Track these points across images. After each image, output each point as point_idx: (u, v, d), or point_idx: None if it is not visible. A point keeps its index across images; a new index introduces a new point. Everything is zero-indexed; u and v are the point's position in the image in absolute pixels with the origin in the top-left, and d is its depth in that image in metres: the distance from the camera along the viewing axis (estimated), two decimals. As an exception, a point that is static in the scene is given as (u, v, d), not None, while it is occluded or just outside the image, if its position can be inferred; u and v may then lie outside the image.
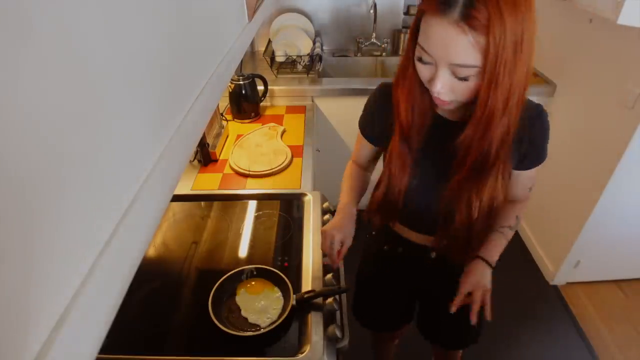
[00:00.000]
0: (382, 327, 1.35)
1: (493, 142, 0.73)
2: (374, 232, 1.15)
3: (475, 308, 0.87)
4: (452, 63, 0.65)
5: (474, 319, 0.86)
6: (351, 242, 0.96)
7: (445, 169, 0.83)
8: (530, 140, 0.83)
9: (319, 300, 0.98)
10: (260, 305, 0.97)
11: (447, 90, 0.70)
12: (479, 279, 0.89)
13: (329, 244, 0.93)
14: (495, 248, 0.93)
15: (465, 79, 0.67)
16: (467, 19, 0.60)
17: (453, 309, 0.88)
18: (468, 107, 0.76)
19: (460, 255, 0.95)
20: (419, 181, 0.89)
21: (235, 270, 1.02)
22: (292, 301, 0.95)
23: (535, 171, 0.90)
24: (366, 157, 1.06)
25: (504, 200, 0.86)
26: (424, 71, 0.71)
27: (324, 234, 0.95)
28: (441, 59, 0.66)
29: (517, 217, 0.96)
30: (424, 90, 0.77)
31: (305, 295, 0.96)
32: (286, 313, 0.93)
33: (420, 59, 0.70)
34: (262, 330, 0.90)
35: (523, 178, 0.91)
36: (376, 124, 0.95)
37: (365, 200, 1.07)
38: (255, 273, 1.04)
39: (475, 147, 0.75)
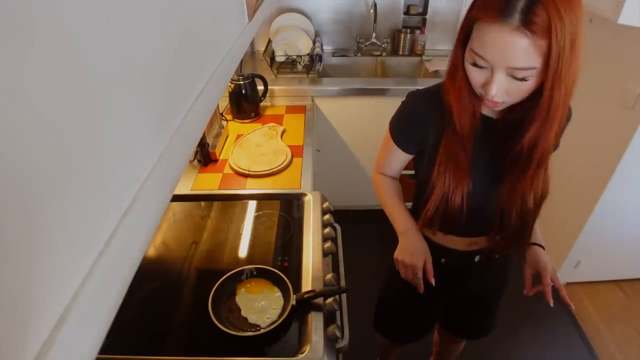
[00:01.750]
0: (410, 339, 1.31)
1: (555, 136, 0.76)
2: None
3: (548, 290, 0.92)
4: (511, 67, 0.67)
5: (550, 300, 0.92)
6: (431, 258, 0.96)
7: (499, 168, 0.85)
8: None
9: (319, 300, 0.98)
10: (260, 305, 0.97)
11: (502, 93, 0.71)
12: (546, 262, 0.95)
13: (414, 275, 0.94)
14: (539, 234, 1.00)
15: (523, 79, 0.68)
16: (528, 24, 0.62)
17: (530, 292, 0.96)
18: (514, 105, 0.77)
19: (512, 247, 0.97)
20: (476, 184, 0.87)
21: (235, 270, 1.02)
22: (292, 301, 0.95)
23: None
24: (397, 166, 1.03)
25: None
26: (477, 76, 0.73)
27: (403, 264, 0.95)
28: (499, 63, 0.67)
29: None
30: (472, 93, 0.78)
31: (306, 295, 0.96)
32: (286, 313, 0.93)
33: (474, 64, 0.71)
34: (262, 331, 0.90)
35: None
36: (412, 131, 0.93)
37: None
38: (255, 273, 1.04)
39: (541, 144, 0.77)
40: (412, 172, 1.05)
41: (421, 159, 0.95)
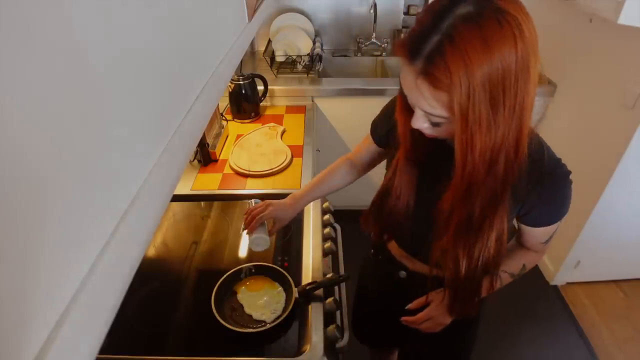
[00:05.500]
0: (378, 344, 1.32)
1: (476, 205, 0.66)
2: (372, 251, 1.07)
3: (414, 326, 0.89)
4: (421, 109, 0.61)
5: (408, 323, 0.89)
6: (282, 225, 1.00)
7: (439, 193, 0.75)
8: (538, 197, 0.72)
9: (320, 292, 0.98)
10: (263, 301, 0.98)
11: (425, 129, 0.65)
12: (439, 314, 0.87)
13: (254, 208, 0.99)
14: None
15: (437, 124, 0.62)
16: (427, 75, 0.54)
17: (404, 320, 0.91)
18: None
19: (456, 308, 0.87)
20: (419, 202, 0.82)
21: (234, 270, 1.03)
22: (295, 294, 0.96)
23: (551, 227, 0.78)
24: (366, 156, 1.02)
25: (504, 252, 0.76)
26: (407, 103, 0.67)
27: (262, 203, 1.00)
28: (412, 102, 0.62)
29: (524, 265, 0.88)
30: None
31: (307, 287, 0.96)
32: (291, 306, 0.94)
33: (401, 93, 0.66)
34: (269, 325, 0.91)
35: (534, 232, 0.80)
36: (384, 123, 0.92)
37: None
38: (253, 271, 1.04)
39: (457, 211, 0.68)
40: None
41: (388, 158, 0.92)
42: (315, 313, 0.95)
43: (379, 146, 0.97)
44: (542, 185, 0.71)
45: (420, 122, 0.64)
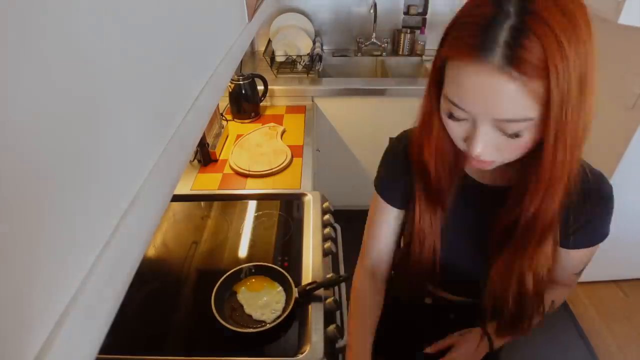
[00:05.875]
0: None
1: (557, 208, 0.58)
2: (392, 272, 0.93)
3: None
4: (497, 119, 0.50)
5: None
6: None
7: (479, 238, 0.70)
8: (583, 214, 0.65)
9: (320, 292, 0.98)
10: (263, 302, 0.98)
11: (491, 150, 0.54)
12: (472, 356, 0.78)
13: None
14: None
15: (517, 134, 0.51)
16: (515, 61, 0.45)
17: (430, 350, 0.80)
18: (503, 167, 0.60)
19: (510, 334, 0.78)
20: (452, 250, 0.74)
21: (234, 270, 1.03)
22: (295, 294, 0.96)
23: (589, 252, 0.70)
24: (388, 233, 0.82)
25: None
26: (456, 129, 0.56)
27: None
28: (482, 115, 0.50)
29: (553, 302, 0.77)
30: (453, 145, 0.61)
31: (307, 287, 0.96)
32: (290, 306, 0.94)
33: (451, 116, 0.54)
34: (269, 325, 0.91)
35: (570, 258, 0.70)
36: (395, 180, 0.77)
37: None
38: (253, 271, 1.04)
39: (542, 217, 0.59)
40: None
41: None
42: (315, 313, 0.95)
43: (398, 207, 0.79)
44: (589, 202, 0.63)
45: (487, 140, 0.53)
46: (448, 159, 0.65)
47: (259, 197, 1.36)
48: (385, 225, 0.81)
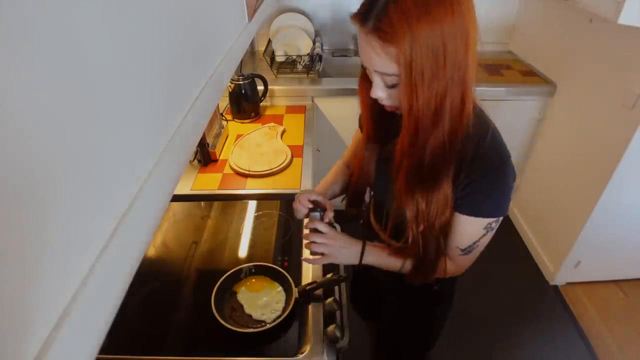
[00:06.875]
0: (363, 313, 1.38)
1: (425, 153, 0.70)
2: (361, 222, 1.13)
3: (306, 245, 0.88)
4: (375, 70, 0.67)
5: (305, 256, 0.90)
6: (328, 208, 0.94)
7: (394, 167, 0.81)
8: (469, 176, 0.72)
9: (320, 292, 0.98)
10: (263, 302, 0.98)
11: (385, 96, 0.71)
12: (338, 251, 0.86)
13: (302, 198, 0.93)
14: (380, 253, 0.87)
15: (393, 85, 0.67)
16: (377, 30, 0.62)
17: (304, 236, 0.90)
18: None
19: (417, 276, 0.86)
20: (377, 173, 0.90)
21: (234, 270, 1.03)
22: (295, 294, 0.96)
23: (474, 225, 0.76)
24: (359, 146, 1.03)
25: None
26: (369, 77, 0.74)
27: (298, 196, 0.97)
28: (369, 67, 0.68)
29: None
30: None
31: (307, 287, 0.96)
32: (290, 306, 0.94)
33: (362, 65, 0.73)
34: (269, 325, 0.91)
35: (457, 224, 0.78)
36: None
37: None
38: (253, 271, 1.04)
39: (406, 158, 0.72)
40: None
41: None
42: (315, 313, 0.95)
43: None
44: (474, 165, 0.71)
45: (378, 89, 0.70)
46: (369, 103, 0.80)
47: (259, 197, 1.36)
48: (357, 145, 1.01)
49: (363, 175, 0.93)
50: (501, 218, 0.77)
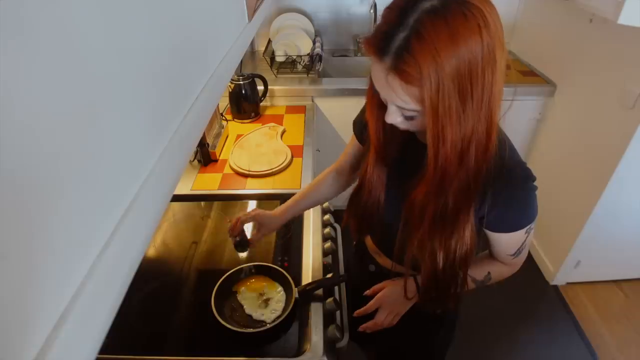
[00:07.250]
0: (360, 341, 1.22)
1: (449, 197, 0.67)
2: (354, 243, 1.11)
3: (371, 326, 0.87)
4: (394, 104, 0.62)
5: (366, 328, 0.88)
6: (267, 232, 1.04)
7: (409, 189, 0.75)
8: (495, 196, 0.70)
9: (320, 292, 0.98)
10: (263, 302, 0.98)
11: (399, 123, 0.66)
12: (395, 300, 0.85)
13: (239, 220, 1.02)
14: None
15: (411, 117, 0.63)
16: (397, 70, 0.56)
17: (355, 314, 0.89)
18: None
19: (434, 305, 0.87)
20: (388, 194, 0.84)
21: (234, 270, 1.03)
22: (295, 294, 0.96)
23: (515, 236, 0.76)
24: (352, 158, 1.01)
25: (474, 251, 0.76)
26: (380, 99, 0.68)
27: (251, 210, 1.04)
28: (384, 97, 0.64)
29: (489, 274, 0.85)
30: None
31: (307, 287, 0.96)
32: (290, 306, 0.94)
33: (371, 90, 0.69)
34: (269, 325, 0.91)
35: (498, 239, 0.78)
36: (362, 124, 0.90)
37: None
38: (253, 271, 1.04)
39: (431, 203, 0.68)
40: None
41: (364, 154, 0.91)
42: (315, 313, 0.95)
43: (362, 143, 0.95)
44: (500, 183, 0.68)
45: (394, 117, 0.65)
46: (381, 126, 0.75)
47: (259, 197, 1.36)
48: (352, 149, 1.01)
49: (371, 200, 0.85)
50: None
